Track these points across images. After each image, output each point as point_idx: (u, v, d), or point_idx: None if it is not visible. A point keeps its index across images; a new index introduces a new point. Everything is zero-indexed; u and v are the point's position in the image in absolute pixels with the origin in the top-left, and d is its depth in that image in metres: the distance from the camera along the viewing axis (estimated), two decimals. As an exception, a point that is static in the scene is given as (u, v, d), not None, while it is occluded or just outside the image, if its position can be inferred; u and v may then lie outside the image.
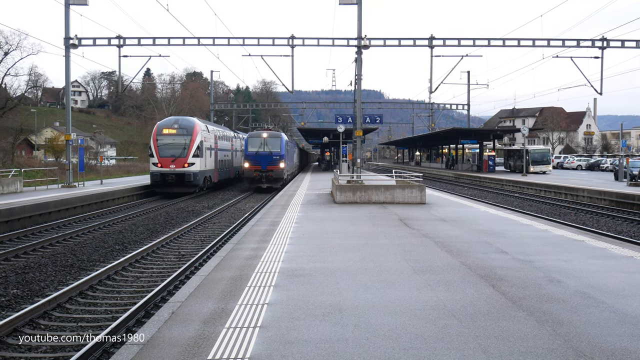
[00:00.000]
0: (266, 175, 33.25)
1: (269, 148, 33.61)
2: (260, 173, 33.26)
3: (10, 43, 54.27)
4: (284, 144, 34.16)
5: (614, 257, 9.71)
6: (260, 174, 33.27)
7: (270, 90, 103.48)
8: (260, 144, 33.80)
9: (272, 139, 34.09)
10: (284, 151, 33.95)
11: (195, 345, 5.35)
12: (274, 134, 34.89)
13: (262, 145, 33.78)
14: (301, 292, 7.22)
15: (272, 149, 33.63)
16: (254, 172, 33.34)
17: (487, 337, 5.50)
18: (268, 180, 33.36)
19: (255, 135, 35.13)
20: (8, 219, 17.66)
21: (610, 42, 29.76)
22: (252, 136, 35.01)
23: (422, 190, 20.10)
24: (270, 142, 33.86)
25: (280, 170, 33.61)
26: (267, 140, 33.89)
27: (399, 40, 29.36)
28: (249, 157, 33.77)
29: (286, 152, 34.83)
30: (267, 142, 33.80)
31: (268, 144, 33.76)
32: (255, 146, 33.90)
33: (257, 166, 33.27)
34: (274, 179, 33.36)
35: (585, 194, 27.40)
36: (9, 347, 7.24)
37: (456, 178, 50.52)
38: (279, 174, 33.52)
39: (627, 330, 5.71)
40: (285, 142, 35.02)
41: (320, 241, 11.39)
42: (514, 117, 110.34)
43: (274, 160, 33.27)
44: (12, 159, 43.50)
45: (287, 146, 35.67)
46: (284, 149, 33.91)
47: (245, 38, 29.64)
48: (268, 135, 34.36)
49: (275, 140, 34.15)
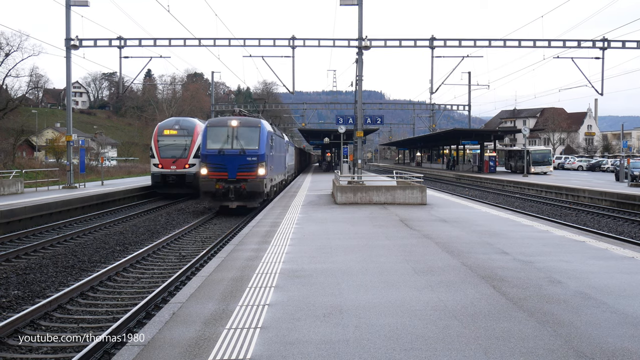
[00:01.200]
0: (236, 189, 20.74)
1: (240, 144, 21.21)
2: (225, 185, 20.74)
3: (11, 44, 54.45)
4: (264, 138, 21.65)
5: (615, 257, 9.70)
6: (225, 187, 20.74)
7: (271, 91, 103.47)
8: (227, 137, 21.32)
9: (245, 130, 21.56)
10: (265, 148, 21.59)
11: (196, 346, 5.36)
12: (248, 122, 22.14)
13: (228, 139, 21.29)
14: (302, 293, 7.22)
15: (246, 145, 21.26)
16: (216, 184, 20.72)
17: (488, 337, 5.49)
18: (239, 195, 20.90)
19: (217, 124, 22.18)
20: (9, 219, 17.67)
21: (611, 43, 29.76)
22: (213, 125, 22.06)
23: (423, 191, 20.10)
24: (243, 134, 21.46)
25: (258, 179, 20.98)
26: (237, 132, 21.40)
27: (400, 41, 29.39)
28: (207, 158, 21.10)
29: (269, 149, 22.43)
30: (238, 135, 21.36)
31: (239, 136, 21.34)
32: (217, 141, 21.34)
33: (220, 173, 20.84)
34: (248, 193, 20.88)
35: (586, 194, 27.38)
36: (10, 347, 7.24)
37: (457, 179, 50.51)
38: (256, 185, 20.88)
39: (628, 330, 5.70)
40: (268, 135, 22.42)
41: (321, 242, 11.39)
42: (515, 117, 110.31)
43: (249, 163, 20.99)
44: (13, 160, 43.55)
45: (270, 141, 22.84)
46: (264, 145, 21.47)
47: (246, 39, 29.68)
48: (239, 124, 21.57)
49: (251, 131, 21.60)
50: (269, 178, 22.69)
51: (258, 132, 21.54)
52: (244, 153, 20.99)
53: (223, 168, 20.85)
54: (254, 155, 21.03)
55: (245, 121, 22.04)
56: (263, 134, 21.65)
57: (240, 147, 21.17)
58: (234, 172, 20.83)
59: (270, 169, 22.71)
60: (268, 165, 22.03)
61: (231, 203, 21.11)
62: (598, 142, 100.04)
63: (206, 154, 21.19)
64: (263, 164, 21.16)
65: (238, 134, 21.34)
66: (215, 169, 20.86)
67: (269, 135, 22.59)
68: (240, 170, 20.85)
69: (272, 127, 26.53)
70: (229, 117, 22.78)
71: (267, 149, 21.98)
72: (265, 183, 21.58)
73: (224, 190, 20.77)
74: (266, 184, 21.74)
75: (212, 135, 21.49)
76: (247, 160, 20.96)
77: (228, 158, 20.95)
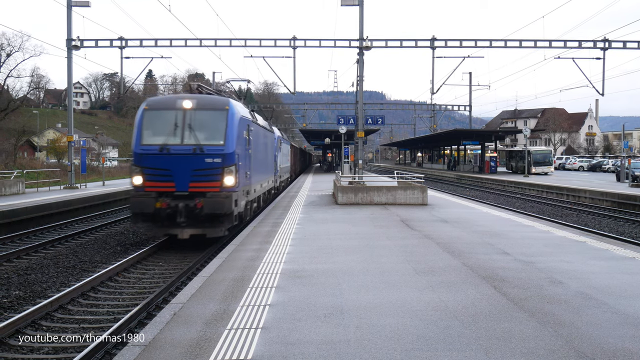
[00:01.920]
0: (187, 208, 13.32)
1: (195, 137, 13.78)
2: (171, 202, 13.35)
3: (12, 45, 54.51)
4: (235, 127, 14.05)
5: (616, 258, 9.70)
6: (171, 205, 13.34)
7: (272, 91, 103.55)
8: (174, 126, 13.84)
9: (204, 115, 14.16)
10: (237, 143, 14.06)
11: (197, 346, 5.36)
12: (209, 102, 14.54)
13: (177, 129, 13.81)
14: (303, 293, 7.23)
15: (206, 138, 13.84)
16: (156, 201, 13.34)
17: (488, 338, 5.50)
18: (193, 219, 13.45)
19: (159, 106, 14.66)
20: (10, 220, 17.69)
21: (612, 43, 29.75)
22: (153, 107, 14.38)
23: (424, 192, 20.10)
24: (201, 121, 14.07)
25: (224, 193, 13.55)
26: (191, 118, 13.95)
27: (401, 42, 29.39)
28: (143, 159, 13.70)
29: (244, 145, 14.96)
30: (193, 122, 13.92)
31: (194, 125, 13.92)
32: (159, 132, 14.01)
33: (162, 183, 13.52)
34: (207, 216, 13.42)
35: (587, 195, 27.37)
36: (11, 348, 7.25)
37: (458, 179, 50.50)
38: (221, 203, 13.39)
39: (629, 331, 5.70)
40: (242, 124, 14.79)
41: (322, 242, 11.39)
42: (516, 118, 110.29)
43: (209, 167, 13.60)
44: (14, 161, 43.62)
45: (246, 133, 15.29)
46: (234, 139, 13.91)
47: (247, 39, 29.66)
48: (195, 105, 14.10)
49: (214, 117, 14.16)
50: (244, 190, 14.77)
51: (225, 119, 13.70)
52: (202, 151, 13.30)
53: (167, 175, 13.23)
54: (217, 155, 13.35)
55: (204, 102, 14.13)
56: (233, 122, 13.76)
57: (196, 141, 13.42)
58: (185, 182, 13.15)
59: (245, 175, 14.87)
60: (242, 170, 14.24)
61: (181, 231, 13.27)
62: (599, 143, 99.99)
63: (141, 152, 13.41)
64: (232, 168, 13.43)
65: (193, 122, 13.63)
66: (154, 177, 13.29)
67: (243, 124, 14.67)
68: (195, 179, 13.22)
69: (252, 114, 18.13)
70: (179, 96, 15.02)
71: (241, 144, 14.32)
72: (237, 198, 13.67)
73: (169, 211, 13.01)
74: (238, 200, 13.80)
75: (150, 123, 13.75)
76: (207, 162, 13.31)
77: (175, 160, 13.23)
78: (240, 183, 14.05)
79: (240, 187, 14.18)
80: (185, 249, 14.17)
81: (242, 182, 14.47)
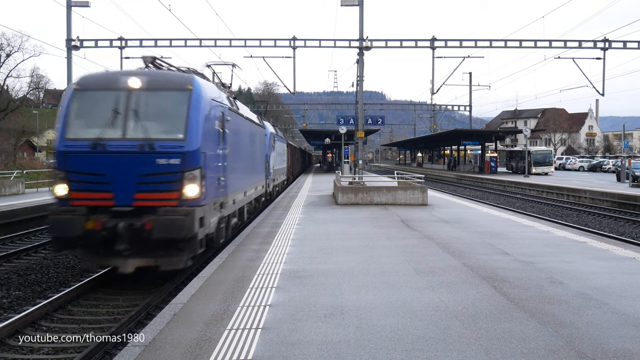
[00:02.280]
0: (130, 229, 8.89)
1: (143, 128, 9.41)
2: (108, 221, 8.94)
3: (12, 45, 54.36)
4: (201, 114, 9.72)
5: (616, 258, 9.69)
6: (108, 225, 8.92)
7: (272, 91, 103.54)
8: (114, 113, 9.43)
9: (156, 97, 9.73)
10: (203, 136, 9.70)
11: (197, 346, 5.36)
12: (164, 80, 10.04)
13: (118, 117, 9.43)
14: (303, 294, 7.22)
15: (160, 131, 9.48)
16: (88, 219, 8.99)
17: (489, 338, 5.49)
18: (139, 244, 9.05)
19: (96, 85, 9.95)
20: (10, 220, 17.69)
21: (612, 43, 29.74)
22: (87, 87, 9.85)
23: (424, 192, 20.10)
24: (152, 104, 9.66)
25: (183, 209, 9.10)
26: (139, 100, 9.57)
27: (401, 42, 29.40)
28: (68, 160, 9.36)
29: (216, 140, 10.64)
30: (140, 107, 9.52)
31: (143, 111, 9.53)
32: (92, 121, 9.61)
33: (96, 194, 9.23)
34: (157, 242, 9.02)
35: (587, 195, 27.37)
36: (11, 348, 7.24)
37: (458, 179, 50.50)
38: (178, 223, 8.96)
39: (629, 331, 5.70)
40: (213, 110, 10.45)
41: (322, 242, 11.39)
42: (516, 118, 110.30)
43: (164, 172, 9.26)
44: (14, 161, 43.64)
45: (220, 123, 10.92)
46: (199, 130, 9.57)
47: (247, 39, 29.66)
48: (144, 85, 9.66)
49: (169, 99, 9.77)
50: (215, 202, 10.63)
51: (187, 103, 9.65)
52: (152, 149, 9.27)
53: (103, 183, 9.29)
54: (174, 154, 9.32)
55: (158, 79, 10.03)
56: (198, 107, 9.72)
57: (145, 135, 9.39)
58: (128, 193, 9.23)
59: (218, 182, 10.78)
60: (212, 174, 10.25)
61: (123, 262, 9.35)
62: (599, 143, 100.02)
63: (66, 150, 9.47)
64: (196, 172, 9.40)
65: (141, 107, 9.58)
66: (84, 186, 9.35)
67: (215, 112, 10.61)
68: (143, 188, 9.27)
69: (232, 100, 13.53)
70: (123, 71, 11.45)
71: (212, 139, 10.31)
72: (203, 215, 9.60)
73: (106, 234, 9.04)
74: (205, 218, 9.74)
75: (81, 109, 9.79)
76: (159, 164, 9.28)
77: (115, 160, 9.31)
78: (209, 193, 9.73)
79: (209, 198, 9.84)
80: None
81: (213, 191, 10.16)
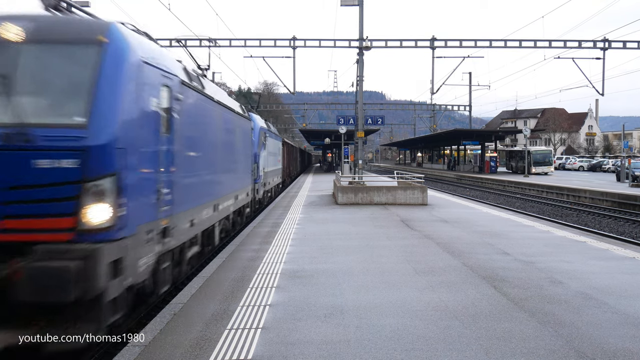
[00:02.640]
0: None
1: (17, 106, 5.34)
2: None
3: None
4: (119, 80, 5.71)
5: (616, 258, 9.69)
6: None
7: (271, 91, 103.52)
8: None
9: (47, 54, 5.67)
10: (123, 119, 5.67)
11: (197, 346, 5.36)
12: (59, 28, 5.87)
13: None
14: (303, 293, 7.22)
15: (46, 112, 5.53)
16: None
17: (489, 338, 5.49)
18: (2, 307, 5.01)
19: None
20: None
21: (612, 43, 29.78)
22: None
23: (424, 192, 20.11)
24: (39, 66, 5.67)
25: (82, 247, 5.16)
26: (10, 57, 5.53)
27: (401, 42, 29.42)
28: None
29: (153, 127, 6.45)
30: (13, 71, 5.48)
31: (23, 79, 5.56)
32: None
33: None
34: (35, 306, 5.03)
35: (587, 195, 27.37)
36: (11, 348, 7.23)
37: (458, 179, 50.51)
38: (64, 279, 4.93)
39: (629, 331, 5.70)
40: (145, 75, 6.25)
41: (322, 242, 11.39)
42: (516, 118, 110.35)
43: (49, 184, 5.20)
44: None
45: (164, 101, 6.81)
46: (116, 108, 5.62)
47: (247, 39, 29.71)
48: (30, 35, 5.65)
49: (69, 58, 5.68)
50: (149, 232, 6.59)
51: (96, 65, 5.71)
52: (28, 141, 5.32)
53: None
54: (67, 150, 5.35)
55: (52, 27, 6.03)
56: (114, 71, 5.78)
57: (16, 118, 5.41)
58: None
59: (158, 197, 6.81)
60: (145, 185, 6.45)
61: None
62: (599, 143, 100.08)
63: None
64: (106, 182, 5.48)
65: (15, 71, 5.63)
66: None
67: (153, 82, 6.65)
68: (10, 211, 5.33)
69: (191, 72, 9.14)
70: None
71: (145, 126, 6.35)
72: (123, 255, 5.74)
73: None
74: (122, 262, 5.74)
75: None
76: (40, 168, 5.32)
77: None
78: (135, 216, 6.10)
79: (137, 225, 6.19)
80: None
81: (144, 212, 6.49)
